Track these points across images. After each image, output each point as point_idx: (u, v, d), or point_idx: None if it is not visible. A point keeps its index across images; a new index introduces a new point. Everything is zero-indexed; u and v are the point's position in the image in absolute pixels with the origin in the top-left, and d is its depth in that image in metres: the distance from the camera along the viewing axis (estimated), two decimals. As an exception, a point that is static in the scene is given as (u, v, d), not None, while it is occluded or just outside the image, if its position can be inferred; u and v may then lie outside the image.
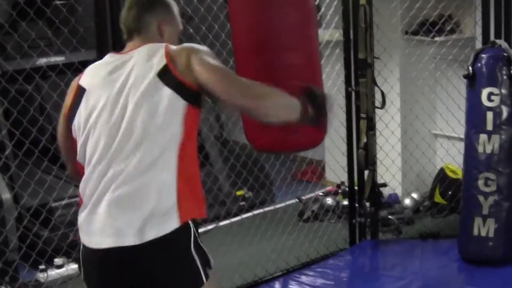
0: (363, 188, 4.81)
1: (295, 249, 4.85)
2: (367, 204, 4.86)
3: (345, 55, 4.71)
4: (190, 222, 2.49)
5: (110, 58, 2.65)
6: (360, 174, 4.81)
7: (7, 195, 4.56)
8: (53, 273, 4.67)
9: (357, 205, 4.89)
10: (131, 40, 2.69)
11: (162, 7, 2.72)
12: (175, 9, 2.78)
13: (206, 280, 2.53)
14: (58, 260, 4.79)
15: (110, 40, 3.88)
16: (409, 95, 5.33)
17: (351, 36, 4.67)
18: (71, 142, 2.64)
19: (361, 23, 4.59)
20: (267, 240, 5.05)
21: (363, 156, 4.71)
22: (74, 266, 4.59)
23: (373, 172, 4.79)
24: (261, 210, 5.56)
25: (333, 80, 4.92)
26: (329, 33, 5.02)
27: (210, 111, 5.94)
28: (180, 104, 2.46)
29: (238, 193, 5.75)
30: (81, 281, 2.69)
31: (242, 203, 5.69)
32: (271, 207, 5.57)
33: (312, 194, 5.68)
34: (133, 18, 2.69)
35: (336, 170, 5.28)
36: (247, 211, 5.54)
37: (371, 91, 4.69)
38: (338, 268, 4.62)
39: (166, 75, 2.47)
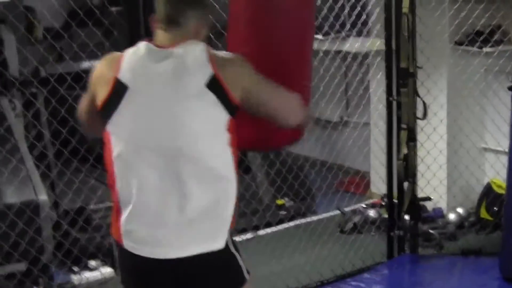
0: (403, 201, 4.70)
1: (330, 261, 4.76)
2: (407, 217, 4.74)
3: (386, 64, 4.61)
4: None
5: (150, 52, 2.49)
6: (400, 186, 4.70)
7: (44, 197, 4.59)
8: (87, 275, 4.69)
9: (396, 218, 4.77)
10: (167, 31, 2.52)
11: (203, 8, 2.60)
12: (212, 8, 2.81)
13: (249, 274, 2.57)
14: (92, 263, 4.82)
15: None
16: (453, 107, 5.19)
17: (393, 45, 4.57)
18: (101, 129, 2.54)
19: (404, 32, 4.50)
20: (303, 251, 4.94)
21: (402, 167, 4.61)
22: (108, 270, 4.63)
23: (413, 184, 4.68)
24: (301, 221, 5.52)
25: (374, 89, 4.82)
26: (371, 41, 4.92)
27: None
28: (223, 116, 2.42)
29: (279, 202, 5.68)
30: (116, 284, 2.67)
31: (282, 213, 5.63)
32: (312, 218, 5.51)
33: (355, 206, 5.59)
34: (175, 9, 2.53)
35: (381, 182, 5.18)
36: (289, 220, 5.50)
37: (413, 101, 4.58)
38: (373, 282, 4.51)
39: (213, 85, 2.40)
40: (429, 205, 5.22)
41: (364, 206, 5.53)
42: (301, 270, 4.63)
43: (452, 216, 5.26)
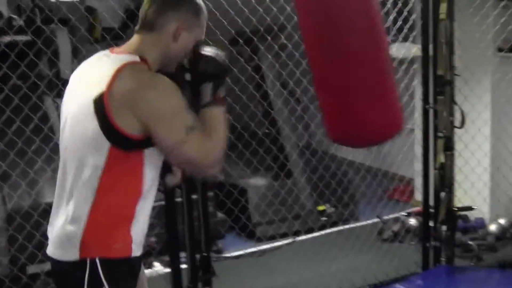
0: (438, 210, 4.60)
1: (364, 269, 4.73)
2: (444, 227, 4.64)
3: (423, 71, 4.52)
4: (94, 259, 2.33)
5: (98, 56, 2.46)
6: (437, 195, 4.61)
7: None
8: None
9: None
10: (138, 33, 2.44)
11: (189, 9, 2.46)
12: (204, 15, 2.51)
13: None
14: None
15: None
16: (493, 114, 5.06)
17: (430, 52, 4.48)
18: None
19: (441, 38, 4.40)
20: (339, 257, 4.94)
21: (439, 177, 4.52)
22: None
23: (449, 194, 4.57)
24: (342, 227, 5.49)
25: (409, 96, 4.74)
26: (407, 47, 4.84)
27: (299, 120, 5.88)
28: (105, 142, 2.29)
29: (320, 208, 5.65)
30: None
31: (323, 219, 5.60)
32: (353, 225, 5.47)
33: (397, 214, 5.51)
34: (153, 10, 2.42)
35: (423, 190, 5.08)
36: (330, 227, 5.48)
37: (450, 109, 4.48)
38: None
39: (97, 103, 2.28)
40: (471, 215, 5.10)
41: (405, 214, 5.45)
42: (333, 277, 4.63)
43: (493, 227, 5.14)
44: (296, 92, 5.71)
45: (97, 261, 2.34)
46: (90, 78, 2.37)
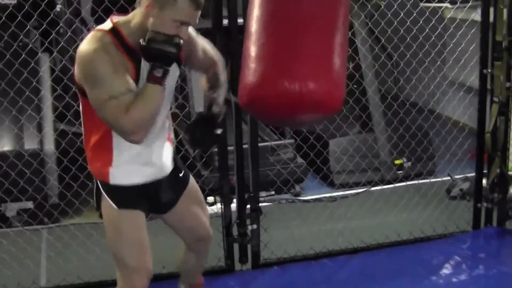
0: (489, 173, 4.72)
1: (415, 223, 4.92)
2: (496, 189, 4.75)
3: (482, 36, 4.60)
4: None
5: None
6: (489, 158, 4.72)
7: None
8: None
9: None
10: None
11: None
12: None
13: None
14: (210, 198, 5.42)
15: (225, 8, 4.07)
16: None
17: (490, 17, 4.55)
18: None
19: (501, 4, 4.46)
20: (400, 210, 5.18)
21: (489, 140, 4.63)
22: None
23: (501, 158, 4.67)
24: (414, 182, 5.67)
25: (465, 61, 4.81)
26: (465, 12, 4.88)
27: (383, 66, 6.06)
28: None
29: (397, 162, 5.85)
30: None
31: (399, 172, 5.81)
32: (425, 180, 5.64)
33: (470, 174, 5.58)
34: None
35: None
36: (401, 181, 5.69)
37: (507, 74, 4.55)
38: (442, 249, 4.59)
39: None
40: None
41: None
42: (389, 227, 4.87)
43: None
44: (387, 48, 5.91)
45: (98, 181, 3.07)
46: None
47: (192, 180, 3.38)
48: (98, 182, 3.07)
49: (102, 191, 3.05)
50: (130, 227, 3.05)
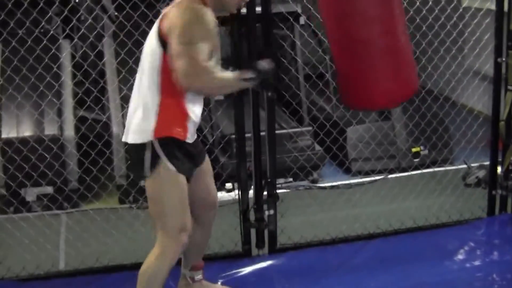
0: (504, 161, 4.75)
1: (429, 209, 4.99)
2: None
3: (496, 24, 4.62)
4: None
5: None
6: (504, 145, 4.75)
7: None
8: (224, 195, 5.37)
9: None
10: None
11: None
12: None
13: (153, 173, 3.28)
14: (228, 185, 5.50)
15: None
16: None
17: (505, 7, 4.57)
18: None
19: (516, -7, 4.50)
20: (416, 197, 5.24)
21: (504, 128, 4.66)
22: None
23: (515, 146, 4.71)
24: (430, 170, 5.71)
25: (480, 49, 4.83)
26: (480, 0, 4.91)
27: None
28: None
29: (414, 149, 5.90)
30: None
31: (416, 160, 5.85)
32: (441, 168, 5.68)
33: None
34: None
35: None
36: (416, 168, 5.73)
37: (521, 63, 4.58)
38: (457, 235, 4.62)
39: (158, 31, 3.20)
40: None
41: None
42: (404, 213, 4.93)
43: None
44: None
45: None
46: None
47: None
48: (159, 147, 3.24)
49: (162, 154, 3.24)
50: (183, 190, 3.31)
